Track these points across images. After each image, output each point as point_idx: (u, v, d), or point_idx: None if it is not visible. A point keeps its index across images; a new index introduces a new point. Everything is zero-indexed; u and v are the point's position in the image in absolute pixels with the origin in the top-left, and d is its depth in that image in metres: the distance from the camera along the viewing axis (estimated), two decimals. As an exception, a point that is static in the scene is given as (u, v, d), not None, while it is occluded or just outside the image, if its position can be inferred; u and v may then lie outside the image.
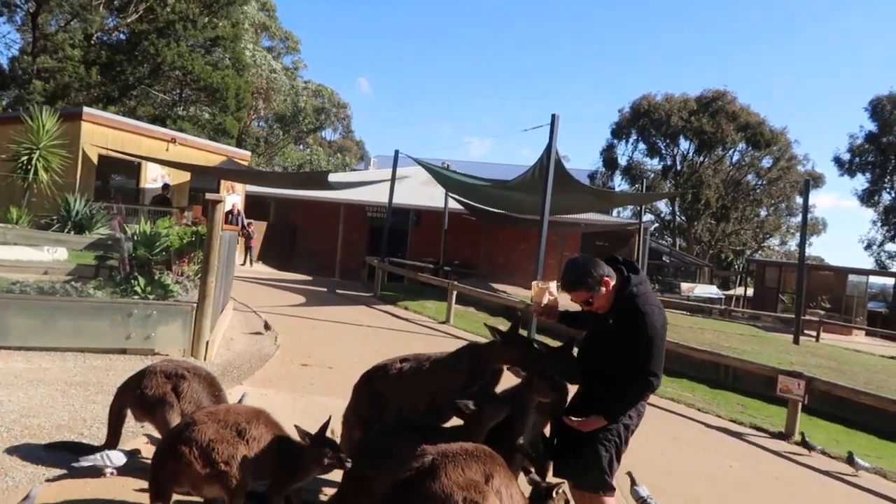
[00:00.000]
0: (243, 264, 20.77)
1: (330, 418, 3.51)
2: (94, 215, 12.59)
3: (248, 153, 24.42)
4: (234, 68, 30.40)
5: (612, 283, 3.39)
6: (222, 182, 20.23)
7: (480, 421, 3.38)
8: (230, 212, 19.70)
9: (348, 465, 3.28)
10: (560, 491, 3.38)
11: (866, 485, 6.12)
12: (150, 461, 3.97)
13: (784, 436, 7.46)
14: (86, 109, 16.78)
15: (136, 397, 4.01)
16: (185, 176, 18.94)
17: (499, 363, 3.77)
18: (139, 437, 4.58)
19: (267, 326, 9.47)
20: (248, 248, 21.53)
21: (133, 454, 4.07)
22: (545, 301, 3.65)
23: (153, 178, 18.34)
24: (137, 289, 7.43)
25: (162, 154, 17.83)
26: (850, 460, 6.50)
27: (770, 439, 7.40)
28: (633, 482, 4.30)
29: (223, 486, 3.21)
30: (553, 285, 3.71)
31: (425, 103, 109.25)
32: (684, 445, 6.71)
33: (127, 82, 28.76)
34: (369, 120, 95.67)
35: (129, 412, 4.17)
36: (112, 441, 4.14)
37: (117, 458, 3.92)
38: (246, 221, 21.05)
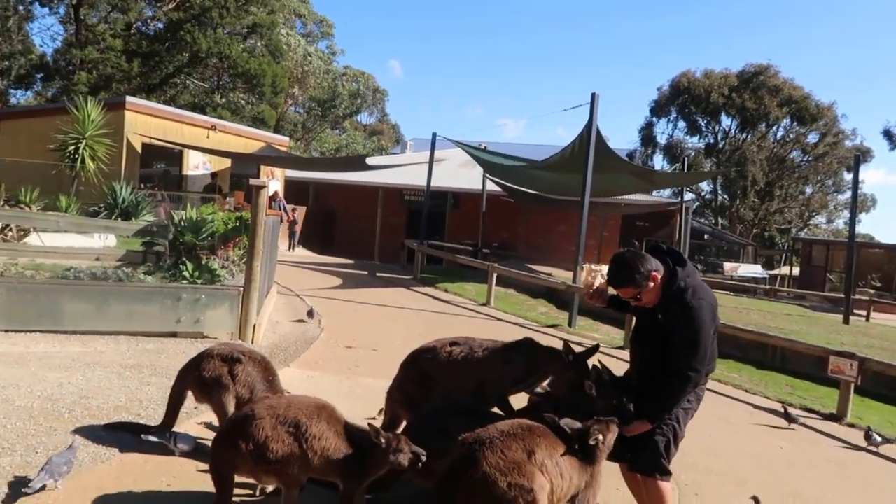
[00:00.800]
0: (289, 249, 21.02)
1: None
2: (139, 202, 12.86)
3: (287, 139, 24.66)
4: (271, 55, 30.63)
5: (660, 277, 3.31)
6: (262, 168, 20.47)
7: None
8: (272, 197, 19.96)
9: (423, 459, 3.16)
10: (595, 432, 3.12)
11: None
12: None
13: (836, 417, 7.29)
14: (129, 99, 17.11)
15: (194, 379, 4.14)
16: (226, 162, 19.22)
17: (553, 373, 3.76)
18: (192, 418, 4.69)
19: (311, 314, 9.32)
20: (291, 234, 21.74)
21: (199, 442, 4.14)
22: (596, 285, 3.61)
23: (195, 164, 18.66)
24: (186, 274, 7.58)
25: (203, 141, 18.11)
26: (867, 436, 6.33)
27: (821, 421, 7.25)
28: None
29: (279, 480, 3.24)
30: (604, 269, 3.68)
31: (458, 85, 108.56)
32: (732, 427, 6.61)
33: (166, 71, 29.25)
34: (402, 103, 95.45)
35: (189, 394, 4.27)
36: (169, 420, 4.26)
37: (184, 441, 4.01)
38: (289, 207, 21.29)
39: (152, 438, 4.01)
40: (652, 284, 3.29)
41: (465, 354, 3.93)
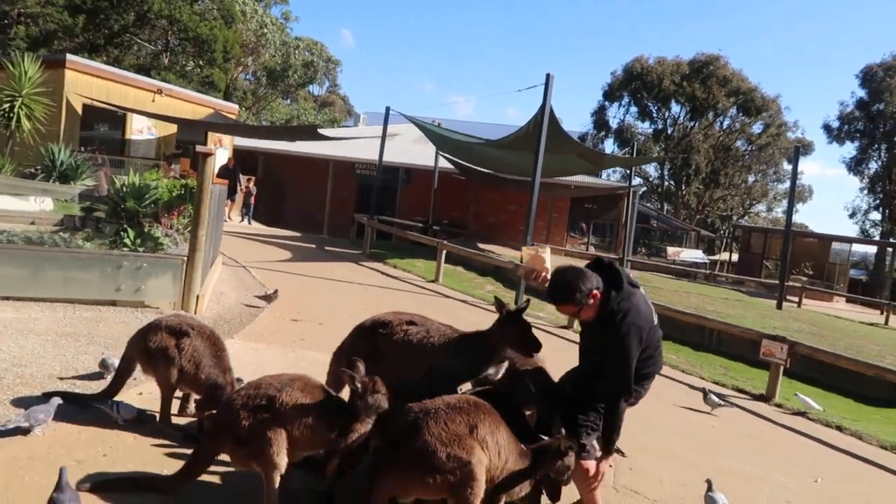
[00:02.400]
0: (243, 222, 20.52)
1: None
2: (79, 166, 12.41)
3: (237, 106, 24.09)
4: (224, 20, 29.74)
5: (600, 295, 3.38)
6: (210, 135, 19.96)
7: None
8: (225, 166, 19.54)
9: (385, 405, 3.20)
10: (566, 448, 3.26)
11: (844, 446, 6.30)
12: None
13: (765, 398, 7.63)
14: (70, 57, 16.39)
15: (141, 349, 4.06)
16: (172, 128, 18.67)
17: (500, 351, 3.76)
18: (132, 389, 4.60)
19: (273, 296, 8.64)
20: (246, 206, 21.16)
21: (143, 413, 4.06)
22: (535, 265, 3.67)
23: (139, 129, 18.07)
24: (127, 241, 7.39)
25: (148, 105, 17.54)
26: (704, 397, 6.79)
27: (751, 401, 7.57)
28: (710, 488, 4.25)
29: (260, 463, 3.10)
30: (547, 250, 3.73)
31: (410, 59, 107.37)
32: (666, 405, 6.85)
33: (112, 30, 28.10)
34: (352, 74, 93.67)
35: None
36: (113, 389, 4.18)
37: (127, 410, 3.93)
38: (244, 178, 20.79)
39: (95, 405, 3.90)
40: (592, 302, 3.37)
41: (420, 337, 3.85)
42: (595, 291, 3.35)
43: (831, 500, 4.77)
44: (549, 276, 3.62)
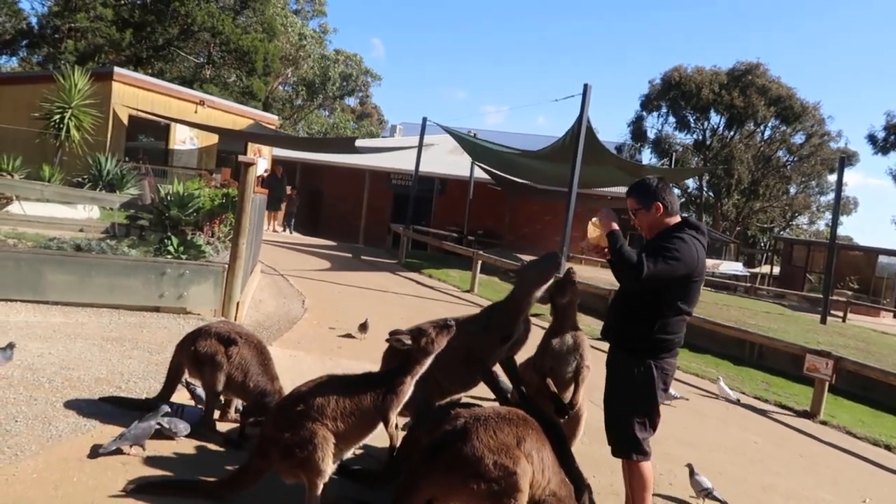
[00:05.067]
0: (285, 231, 20.65)
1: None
2: (124, 175, 12.74)
3: (276, 117, 24.49)
4: (265, 33, 30.30)
5: (662, 213, 3.42)
6: (249, 145, 20.31)
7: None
8: (273, 174, 19.82)
9: (452, 324, 3.36)
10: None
11: (889, 464, 6.11)
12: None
13: (809, 414, 7.43)
14: (116, 70, 16.88)
15: (190, 353, 4.13)
16: (213, 139, 19.06)
17: (528, 302, 3.92)
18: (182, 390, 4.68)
19: (364, 328, 7.61)
20: (288, 215, 21.19)
21: (191, 421, 4.09)
22: (601, 243, 3.67)
23: (182, 139, 18.49)
24: (171, 248, 7.54)
25: (190, 116, 17.95)
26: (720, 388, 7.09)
27: (795, 417, 7.39)
28: (693, 472, 4.26)
29: (305, 472, 3.10)
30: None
31: (441, 67, 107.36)
32: (707, 419, 6.72)
33: (157, 43, 28.83)
34: (383, 84, 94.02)
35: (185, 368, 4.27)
36: (166, 393, 4.26)
37: (184, 427, 3.95)
38: (288, 188, 20.93)
39: (151, 422, 3.81)
40: (652, 212, 3.42)
41: None
42: (659, 203, 3.42)
43: (881, 520, 4.63)
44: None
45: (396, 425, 3.48)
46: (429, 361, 3.33)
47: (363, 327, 7.50)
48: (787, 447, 6.22)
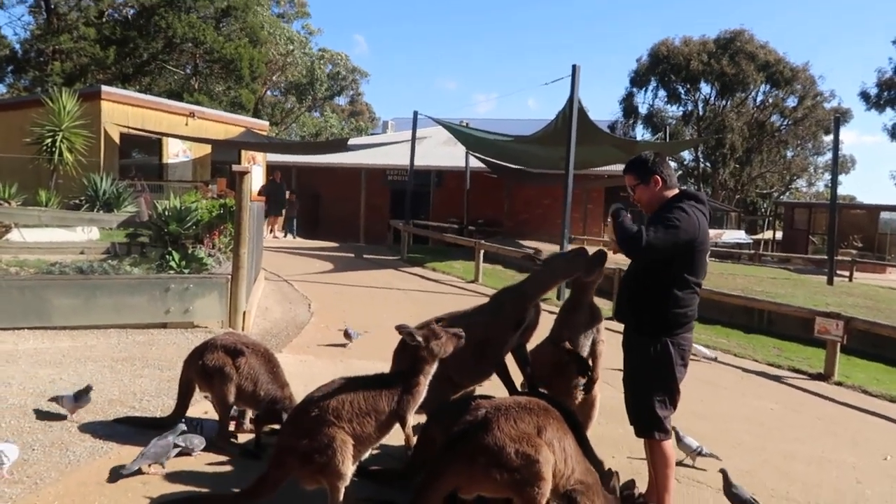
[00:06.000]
0: (286, 237, 20.66)
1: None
2: (120, 194, 12.71)
3: (267, 123, 24.41)
4: (249, 40, 30.21)
5: (661, 186, 3.44)
6: (243, 153, 20.28)
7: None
8: (273, 180, 19.86)
9: (463, 335, 3.40)
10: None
11: (910, 421, 6.10)
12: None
13: (824, 377, 7.43)
14: (104, 88, 16.84)
15: (198, 368, 4.13)
16: (206, 149, 19.02)
17: (546, 290, 3.97)
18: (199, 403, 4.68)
19: (348, 335, 7.23)
20: (289, 219, 21.17)
21: (210, 435, 4.11)
22: None
23: (175, 153, 18.45)
24: (173, 264, 7.54)
25: (181, 129, 17.90)
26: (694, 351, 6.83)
27: (809, 381, 7.38)
28: (679, 437, 4.30)
29: (326, 476, 3.09)
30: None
31: (427, 59, 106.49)
32: (722, 390, 6.71)
33: (141, 58, 28.78)
34: (371, 80, 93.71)
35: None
36: (180, 410, 4.27)
37: (199, 442, 3.96)
38: (287, 192, 20.96)
39: (173, 453, 3.81)
40: (651, 185, 3.44)
41: (451, 323, 3.95)
42: (657, 176, 3.44)
43: (903, 478, 4.62)
44: None
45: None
46: (436, 362, 3.33)
47: (347, 335, 7.12)
48: (804, 412, 6.21)
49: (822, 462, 4.78)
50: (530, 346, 4.13)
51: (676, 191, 3.48)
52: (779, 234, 32.33)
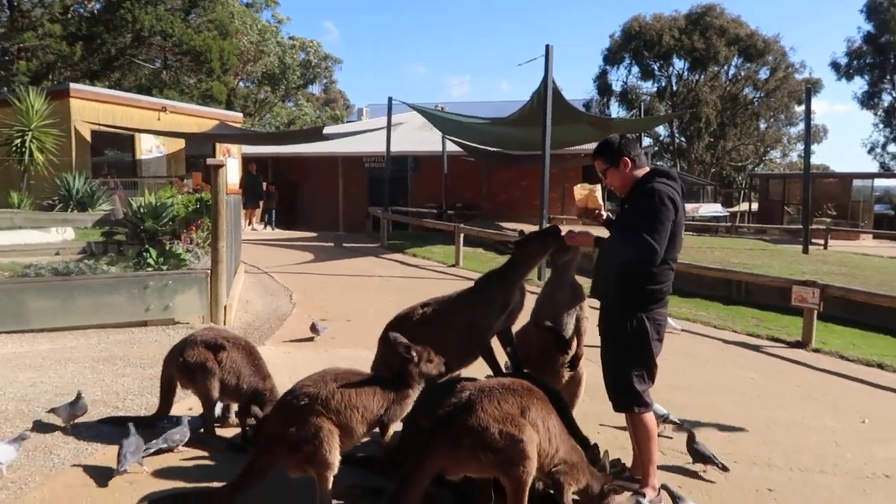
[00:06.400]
0: (265, 229, 20.58)
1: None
2: (94, 192, 12.55)
3: (240, 115, 24.14)
4: (218, 31, 29.76)
5: (632, 167, 3.48)
6: (217, 146, 20.07)
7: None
8: (249, 172, 19.76)
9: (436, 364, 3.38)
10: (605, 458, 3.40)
11: (888, 384, 6.23)
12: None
13: (802, 344, 7.55)
14: (73, 86, 16.57)
15: (179, 365, 4.11)
16: (180, 144, 18.79)
17: (524, 271, 3.94)
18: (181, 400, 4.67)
19: (315, 329, 7.04)
20: (267, 211, 21.10)
21: (192, 424, 4.09)
22: (590, 204, 3.73)
23: (148, 148, 18.21)
24: (150, 261, 7.47)
25: (154, 124, 17.67)
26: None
27: (788, 349, 7.51)
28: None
29: (314, 466, 3.11)
30: (598, 189, 3.77)
31: (398, 44, 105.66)
32: (703, 362, 6.81)
33: (109, 54, 28.27)
34: (345, 68, 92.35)
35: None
36: (164, 408, 4.26)
37: (181, 436, 3.93)
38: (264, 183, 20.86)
39: (152, 450, 3.81)
40: (621, 168, 3.48)
41: (437, 310, 4.00)
42: (626, 158, 3.48)
43: (879, 438, 4.72)
44: (602, 213, 3.74)
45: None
46: (422, 382, 3.36)
47: (314, 328, 6.93)
48: (783, 379, 6.32)
49: (802, 427, 4.88)
50: (516, 327, 4.17)
51: (647, 169, 3.52)
52: (754, 206, 32.66)
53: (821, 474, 4.07)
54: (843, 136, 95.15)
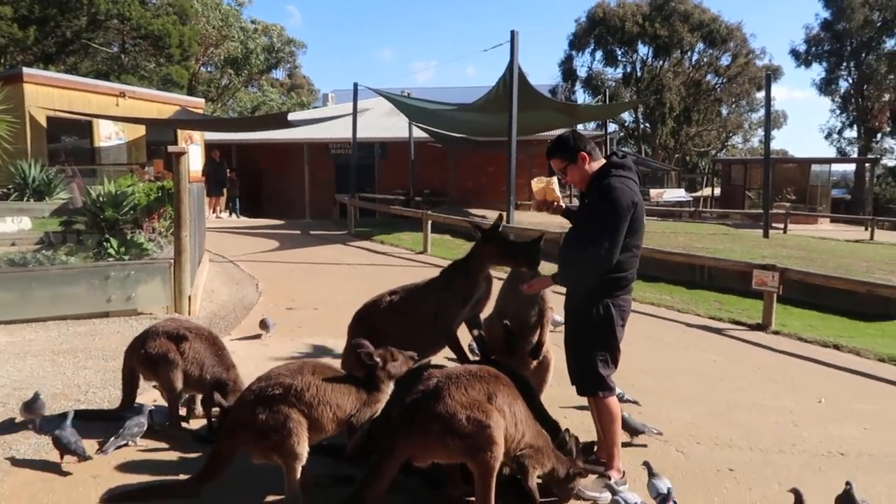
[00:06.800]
0: (230, 216, 20.32)
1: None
2: (51, 180, 12.21)
3: (202, 101, 23.66)
4: (178, 16, 29.06)
5: (590, 161, 3.50)
6: (179, 133, 19.67)
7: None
8: (211, 159, 19.44)
9: (416, 357, 3.40)
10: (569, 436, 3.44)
11: (844, 364, 6.41)
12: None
13: (762, 327, 7.73)
14: (26, 70, 16.03)
15: (140, 357, 4.04)
16: (140, 130, 18.36)
17: (487, 266, 3.92)
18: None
19: (265, 325, 6.52)
20: (232, 199, 20.82)
21: (161, 422, 4.04)
22: (547, 196, 3.74)
23: (107, 135, 17.74)
24: (111, 251, 7.32)
25: (112, 110, 17.22)
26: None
27: (749, 331, 7.67)
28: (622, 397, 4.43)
29: (281, 455, 3.07)
30: (555, 180, 3.78)
31: (364, 29, 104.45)
32: (667, 346, 6.93)
33: (64, 37, 27.44)
34: (309, 53, 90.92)
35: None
36: (128, 400, 4.19)
37: (137, 430, 3.86)
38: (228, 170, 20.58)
39: (110, 450, 3.73)
40: (580, 164, 3.49)
41: (404, 298, 4.02)
42: (583, 153, 3.49)
43: (835, 417, 4.87)
44: (561, 204, 3.76)
45: None
46: (392, 383, 3.34)
47: (264, 324, 6.45)
48: (744, 362, 6.46)
49: (762, 409, 5.00)
50: (484, 314, 4.19)
51: (602, 160, 3.55)
52: (717, 191, 33.24)
53: (779, 454, 4.18)
54: (801, 121, 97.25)
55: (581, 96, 46.12)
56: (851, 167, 39.80)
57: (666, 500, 3.15)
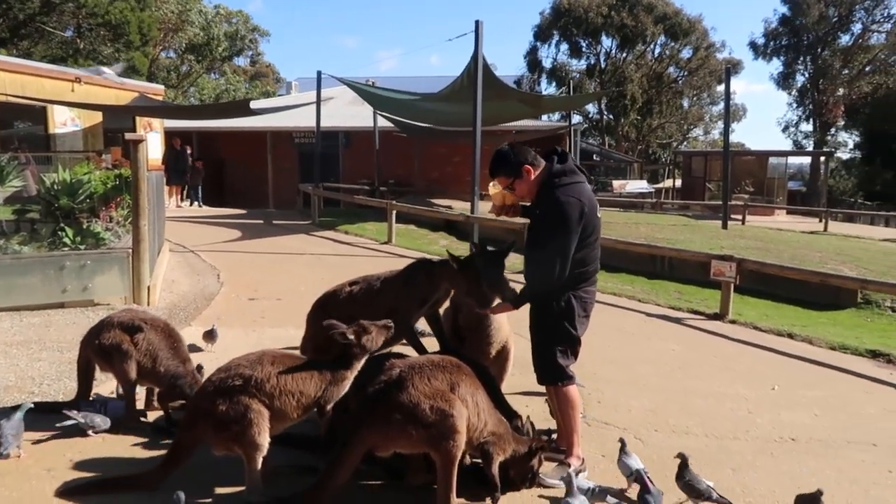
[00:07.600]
0: (192, 205, 20.00)
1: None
2: (3, 167, 11.84)
3: (162, 87, 23.15)
4: (137, 2, 28.37)
5: (535, 172, 3.50)
6: (138, 120, 19.22)
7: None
8: (172, 147, 19.09)
9: (392, 326, 3.39)
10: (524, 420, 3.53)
11: (797, 352, 6.59)
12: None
13: (720, 316, 7.90)
14: (-25, 54, 15.51)
15: (95, 348, 3.98)
16: (97, 117, 17.89)
17: (449, 285, 3.93)
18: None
19: (211, 335, 5.63)
20: (193, 188, 20.47)
21: (117, 414, 3.98)
22: (506, 200, 3.73)
23: (62, 121, 17.25)
24: (66, 240, 7.15)
25: (68, 95, 16.72)
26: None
27: (707, 321, 7.83)
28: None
29: (241, 445, 3.07)
30: None
31: (327, 16, 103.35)
32: (628, 335, 7.04)
33: (17, 20, 26.59)
34: (273, 40, 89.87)
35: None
36: (83, 391, 4.12)
37: (102, 421, 3.83)
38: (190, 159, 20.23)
39: (67, 423, 3.76)
40: (525, 176, 3.50)
41: (364, 289, 4.03)
42: (527, 166, 3.51)
43: (787, 404, 5.00)
44: (518, 207, 3.75)
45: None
46: (365, 358, 3.32)
47: (210, 335, 5.57)
48: (702, 351, 6.60)
49: (718, 396, 5.12)
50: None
51: (542, 164, 3.54)
52: (678, 183, 33.77)
53: (734, 440, 4.29)
54: (760, 114, 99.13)
55: (546, 87, 46.38)
56: (807, 160, 40.81)
57: (642, 479, 3.21)
